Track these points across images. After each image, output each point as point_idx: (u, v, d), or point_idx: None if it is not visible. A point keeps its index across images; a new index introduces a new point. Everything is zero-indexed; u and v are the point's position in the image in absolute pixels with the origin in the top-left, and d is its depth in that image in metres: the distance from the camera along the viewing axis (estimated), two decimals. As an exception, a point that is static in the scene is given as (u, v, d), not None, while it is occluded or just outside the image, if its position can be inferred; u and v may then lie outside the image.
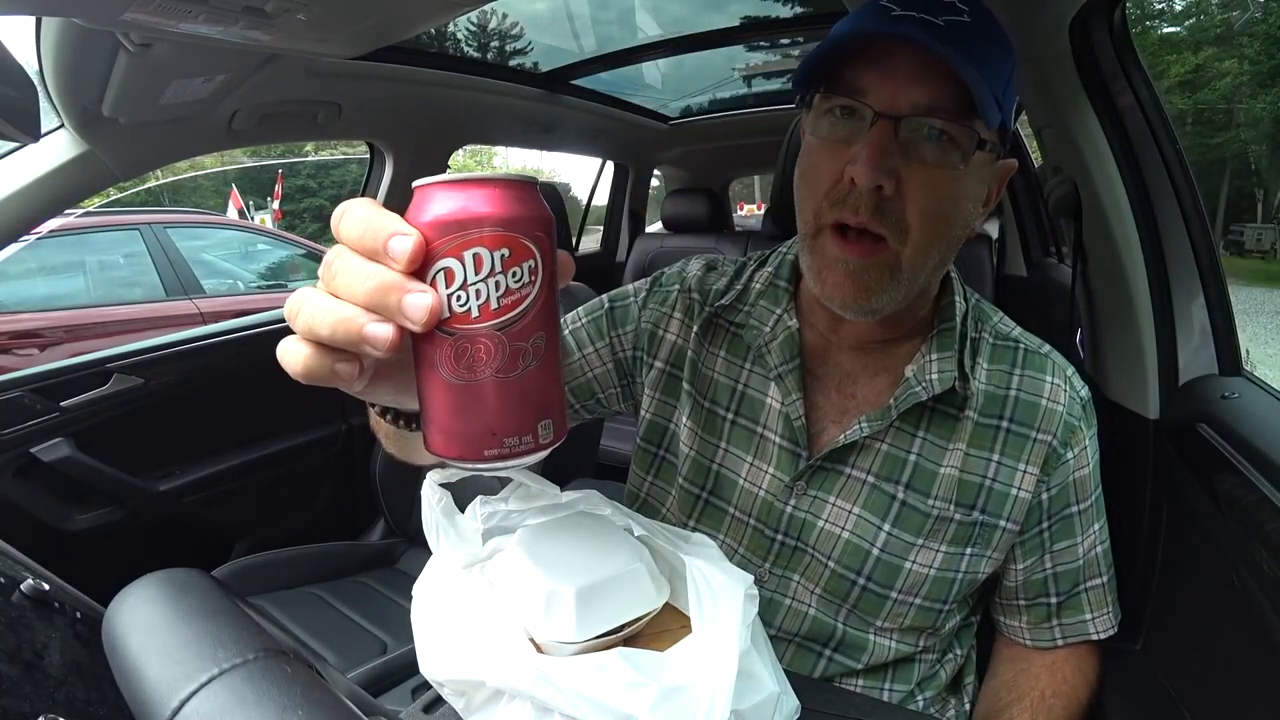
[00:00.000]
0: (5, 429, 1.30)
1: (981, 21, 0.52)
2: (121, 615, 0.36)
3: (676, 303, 0.73)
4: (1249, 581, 0.64)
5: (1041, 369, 0.65)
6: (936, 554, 0.63)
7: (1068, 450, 0.63)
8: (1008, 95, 0.54)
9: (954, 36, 0.49)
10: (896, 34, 0.50)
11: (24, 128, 0.78)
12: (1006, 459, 0.63)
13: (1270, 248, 3.19)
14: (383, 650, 1.25)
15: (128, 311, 3.70)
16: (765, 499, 0.66)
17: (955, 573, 0.64)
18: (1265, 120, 3.42)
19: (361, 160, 2.14)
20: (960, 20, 0.50)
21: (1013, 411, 0.63)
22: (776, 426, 0.66)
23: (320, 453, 1.81)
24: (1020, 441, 0.63)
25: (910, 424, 0.64)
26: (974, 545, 0.64)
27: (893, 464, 0.64)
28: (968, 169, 0.53)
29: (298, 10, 0.85)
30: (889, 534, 0.63)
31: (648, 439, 0.74)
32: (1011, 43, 0.55)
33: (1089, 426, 0.65)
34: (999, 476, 0.63)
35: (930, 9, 0.50)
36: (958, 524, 0.63)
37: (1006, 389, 0.64)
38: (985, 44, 0.51)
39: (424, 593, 0.57)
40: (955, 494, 0.63)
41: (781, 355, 0.65)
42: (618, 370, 0.74)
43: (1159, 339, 0.90)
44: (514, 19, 2.43)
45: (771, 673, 0.49)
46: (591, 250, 3.00)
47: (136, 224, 3.94)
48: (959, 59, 0.48)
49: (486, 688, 0.50)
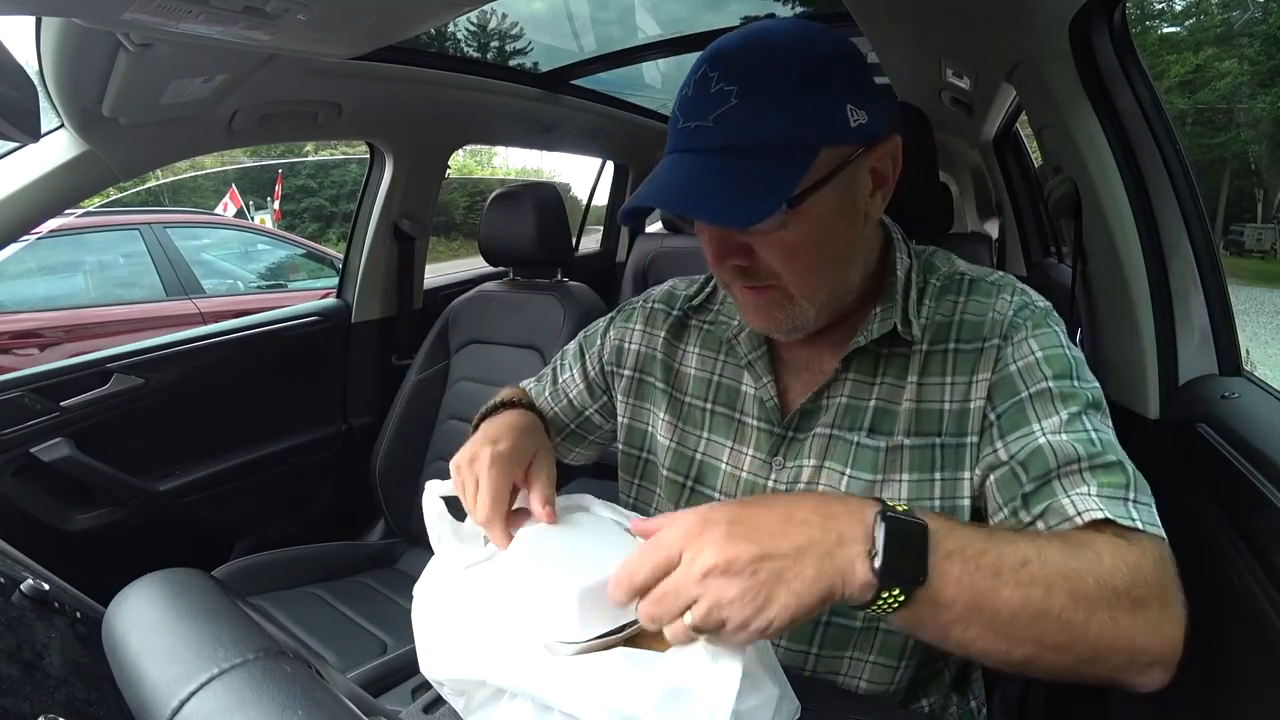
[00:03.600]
0: (5, 429, 1.30)
1: (754, 90, 0.54)
2: (121, 615, 0.36)
3: (638, 315, 0.80)
4: (1249, 581, 0.64)
5: (988, 293, 0.66)
6: (901, 484, 0.64)
7: (1008, 345, 0.63)
8: (819, 102, 0.55)
9: (723, 134, 0.54)
10: (677, 152, 0.57)
11: (24, 128, 0.78)
12: (959, 377, 0.63)
13: (1270, 248, 3.20)
14: (383, 650, 1.25)
15: (128, 311, 3.70)
16: (748, 479, 0.69)
17: (930, 500, 0.63)
18: (1265, 120, 3.42)
19: (361, 160, 2.15)
20: (726, 109, 0.54)
21: (959, 333, 0.64)
22: (753, 410, 0.70)
23: (320, 453, 1.81)
24: (970, 358, 0.63)
25: (866, 374, 0.66)
26: (942, 470, 0.63)
27: (853, 414, 0.66)
28: (809, 204, 0.55)
29: (298, 10, 0.85)
30: (850, 477, 0.65)
31: (628, 442, 0.79)
32: (814, 62, 0.55)
33: (1038, 322, 0.63)
34: (954, 396, 0.63)
35: (702, 111, 0.55)
36: (912, 450, 0.63)
37: (952, 316, 0.65)
38: (762, 111, 0.54)
39: (424, 593, 0.57)
40: (914, 425, 0.64)
41: (750, 344, 0.70)
42: (590, 389, 0.82)
43: (1159, 339, 0.90)
44: (514, 19, 2.44)
45: (772, 674, 0.49)
46: (591, 250, 3.00)
47: (136, 224, 3.94)
48: (720, 168, 0.54)
49: (487, 687, 0.50)
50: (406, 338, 1.94)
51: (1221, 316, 0.89)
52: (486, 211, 1.61)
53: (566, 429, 0.85)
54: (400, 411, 1.65)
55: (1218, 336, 0.89)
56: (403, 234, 1.89)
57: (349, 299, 1.90)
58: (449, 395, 1.67)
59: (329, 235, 10.44)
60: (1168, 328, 0.90)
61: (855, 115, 0.56)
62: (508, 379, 0.88)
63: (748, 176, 0.54)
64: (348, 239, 1.95)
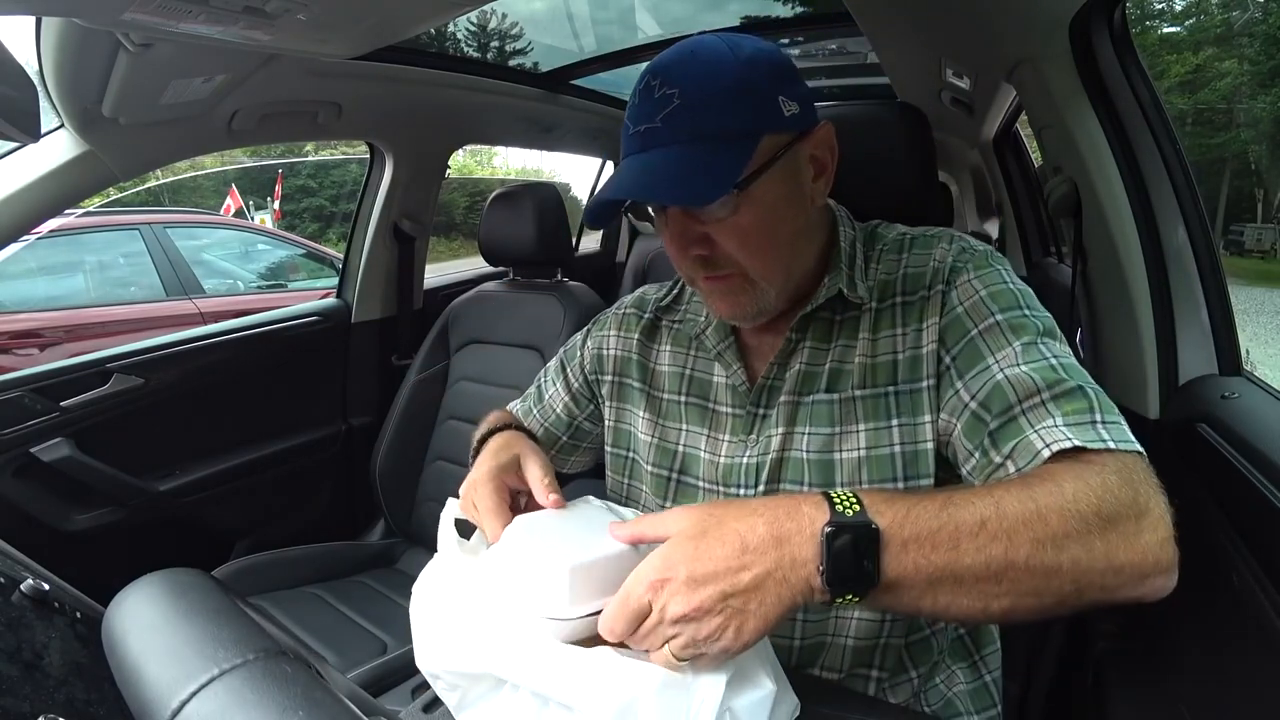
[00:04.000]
0: (5, 429, 1.30)
1: (694, 90, 0.59)
2: (121, 615, 0.36)
3: (611, 322, 0.84)
4: (1249, 581, 0.64)
5: (927, 245, 0.68)
6: (858, 434, 0.66)
7: (952, 288, 0.64)
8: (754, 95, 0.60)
9: (672, 131, 0.59)
10: (631, 155, 0.62)
11: (24, 128, 0.78)
12: (908, 327, 0.65)
13: (1270, 248, 3.19)
14: (383, 650, 1.25)
15: (128, 311, 3.70)
16: (725, 463, 0.72)
17: (889, 446, 0.65)
18: (1265, 120, 3.41)
19: (361, 160, 2.15)
20: (671, 109, 0.59)
21: (903, 286, 0.67)
22: (726, 399, 0.74)
23: (320, 453, 1.81)
24: (916, 307, 0.66)
25: (821, 340, 0.69)
26: (899, 416, 0.65)
27: (811, 379, 0.69)
28: (757, 188, 0.60)
29: (298, 10, 0.85)
30: (809, 434, 0.68)
31: (615, 443, 0.83)
32: (744, 61, 0.60)
33: (980, 263, 0.65)
34: (906, 345, 0.65)
35: (650, 114, 0.60)
36: (864, 400, 0.66)
37: (895, 272, 0.68)
38: (703, 106, 0.59)
39: (422, 590, 0.57)
40: (869, 378, 0.66)
41: (717, 336, 0.74)
42: (576, 399, 0.85)
43: (1159, 339, 0.90)
44: (514, 19, 2.43)
45: (770, 671, 0.49)
46: (591, 250, 3.00)
47: (136, 224, 3.94)
48: (674, 158, 0.59)
49: (483, 679, 0.50)
50: (406, 338, 1.94)
51: (1221, 316, 0.89)
52: (486, 211, 1.61)
53: (559, 441, 0.87)
54: (400, 411, 1.65)
55: (1218, 336, 0.89)
56: (403, 234, 1.89)
57: (349, 299, 1.90)
58: (449, 395, 1.67)
59: (329, 235, 10.44)
60: (1168, 328, 0.90)
61: (788, 106, 0.61)
62: (507, 379, 0.88)
63: (698, 163, 0.58)
64: (348, 239, 1.95)
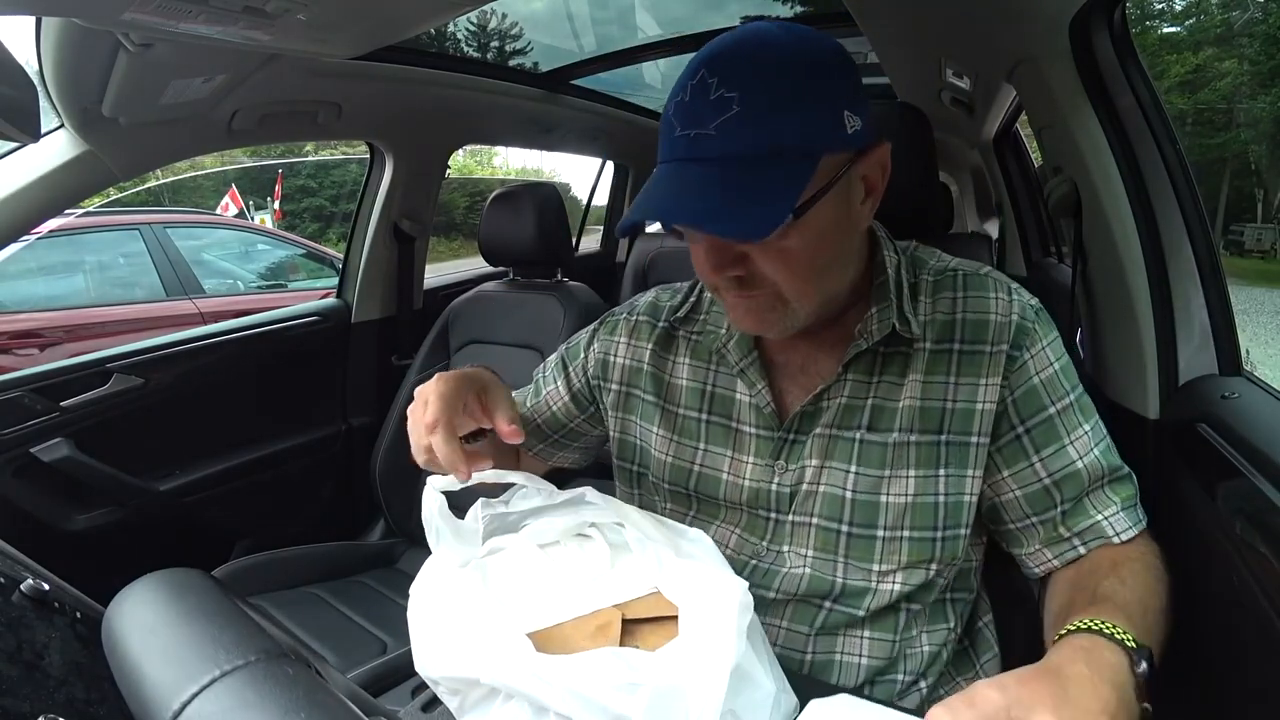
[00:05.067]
0: (5, 429, 1.30)
1: (756, 96, 0.52)
2: (121, 615, 0.36)
3: (622, 328, 0.79)
4: (1249, 581, 0.64)
5: (983, 287, 0.66)
6: (907, 480, 0.65)
7: (1024, 353, 0.64)
8: (820, 109, 0.54)
9: (725, 141, 0.53)
10: (676, 161, 0.55)
11: (24, 128, 0.78)
12: (964, 378, 0.64)
13: (1270, 248, 3.19)
14: (383, 650, 1.25)
15: (128, 311, 3.70)
16: (751, 485, 0.69)
17: (935, 495, 0.65)
18: (1265, 120, 3.42)
19: (361, 160, 2.15)
20: (729, 116, 0.52)
21: (962, 333, 0.65)
22: (750, 418, 0.70)
23: (320, 453, 1.81)
24: (975, 359, 0.64)
25: (863, 373, 0.67)
26: (947, 466, 0.64)
27: (850, 413, 0.66)
28: (810, 214, 0.55)
29: (298, 10, 0.85)
30: (855, 474, 0.65)
31: (621, 456, 0.79)
32: (815, 66, 0.55)
33: (1046, 329, 0.65)
34: (959, 396, 0.64)
35: (703, 119, 0.53)
36: (917, 447, 0.65)
37: (953, 314, 0.66)
38: (765, 119, 0.53)
39: (421, 592, 0.57)
40: (916, 422, 0.65)
41: (740, 351, 0.70)
42: (576, 401, 0.82)
43: (1159, 339, 0.90)
44: (514, 19, 2.44)
45: (769, 672, 0.49)
46: (591, 250, 3.00)
47: (136, 224, 3.94)
48: (723, 179, 0.53)
49: (482, 686, 0.50)
50: (406, 338, 1.94)
51: (1221, 316, 0.89)
52: (486, 212, 1.61)
53: (551, 437, 0.85)
54: (400, 411, 1.65)
55: (1218, 336, 0.89)
56: (403, 234, 1.89)
57: (349, 299, 1.90)
58: (449, 395, 1.66)
59: (329, 235, 10.43)
60: (1168, 328, 0.90)
61: (851, 121, 0.55)
62: (507, 379, 0.87)
63: (751, 187, 0.52)
64: (348, 239, 1.95)
